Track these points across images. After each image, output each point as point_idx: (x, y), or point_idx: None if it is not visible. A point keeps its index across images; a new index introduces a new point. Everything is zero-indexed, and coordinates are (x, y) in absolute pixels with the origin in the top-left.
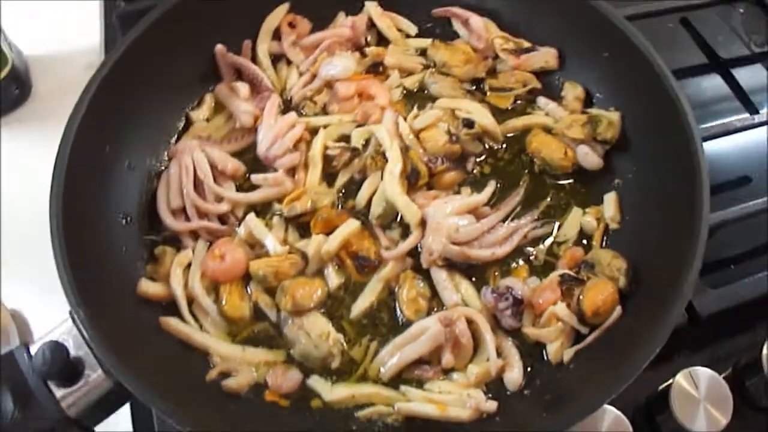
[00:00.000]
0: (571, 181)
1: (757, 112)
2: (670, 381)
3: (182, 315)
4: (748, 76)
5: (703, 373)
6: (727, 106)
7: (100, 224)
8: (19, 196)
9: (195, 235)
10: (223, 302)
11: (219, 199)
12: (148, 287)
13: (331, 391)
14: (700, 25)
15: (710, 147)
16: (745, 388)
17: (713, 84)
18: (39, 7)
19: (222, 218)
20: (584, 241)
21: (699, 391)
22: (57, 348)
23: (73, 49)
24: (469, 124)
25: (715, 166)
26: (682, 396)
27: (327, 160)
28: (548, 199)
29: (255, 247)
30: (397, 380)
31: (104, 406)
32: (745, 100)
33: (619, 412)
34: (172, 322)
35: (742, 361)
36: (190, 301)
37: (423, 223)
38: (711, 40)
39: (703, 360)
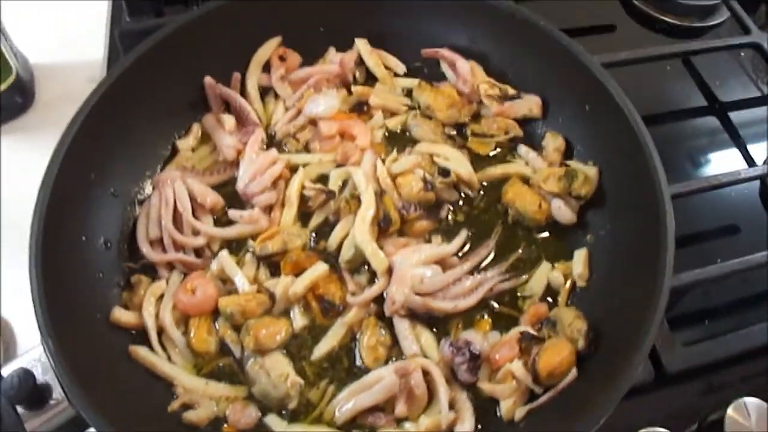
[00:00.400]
0: (543, 234)
1: (752, 159)
2: None
3: (151, 344)
4: (746, 119)
5: None
6: (725, 151)
7: (80, 248)
8: (18, 203)
9: (171, 266)
10: (191, 335)
11: (196, 232)
12: (121, 315)
13: (286, 431)
14: (700, 66)
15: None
16: None
17: (711, 127)
18: (46, 15)
19: (198, 251)
20: (549, 298)
21: None
22: (26, 375)
23: (78, 60)
24: (444, 172)
25: (703, 213)
26: None
27: (303, 199)
28: (519, 251)
29: (227, 282)
30: (351, 425)
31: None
32: (741, 146)
33: None
34: (141, 351)
35: (707, 421)
36: (160, 331)
37: (390, 271)
38: (710, 82)
39: (666, 417)
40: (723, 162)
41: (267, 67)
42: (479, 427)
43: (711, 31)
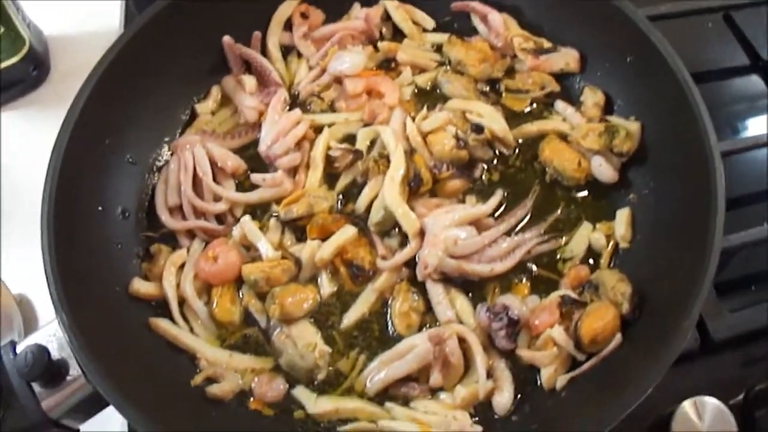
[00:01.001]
0: (583, 193)
1: None
2: (675, 407)
3: (173, 316)
4: None
5: (710, 403)
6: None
7: (97, 219)
8: (35, 179)
9: (191, 234)
10: (214, 305)
11: (218, 197)
12: (140, 286)
13: (316, 404)
14: (743, 24)
15: (747, 155)
16: (755, 420)
17: (754, 86)
18: None
19: (220, 217)
20: (591, 260)
21: (703, 422)
22: (39, 351)
23: (94, 30)
24: (478, 129)
25: (747, 174)
26: (685, 427)
27: (329, 161)
28: (558, 212)
29: (251, 249)
30: (383, 396)
31: (86, 409)
32: None
33: None
34: (161, 323)
35: (754, 391)
36: (182, 302)
37: (422, 233)
38: (753, 40)
39: (711, 386)
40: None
41: (289, 26)
42: (518, 396)
43: None
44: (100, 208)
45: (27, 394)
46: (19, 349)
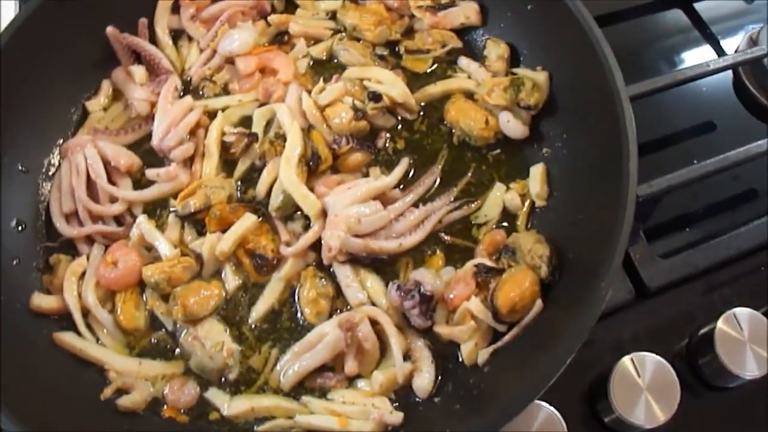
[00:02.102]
0: (495, 152)
1: (723, 51)
2: (613, 365)
3: (77, 328)
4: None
5: (648, 357)
6: (693, 41)
7: None
8: None
9: (91, 240)
10: (119, 312)
11: (114, 198)
12: (41, 301)
13: (230, 405)
14: None
15: (671, 92)
16: (698, 366)
17: (677, 22)
18: None
19: (119, 219)
20: (506, 223)
21: (643, 378)
22: None
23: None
24: (375, 97)
25: (677, 110)
26: (624, 384)
27: (225, 147)
28: (468, 175)
29: (152, 249)
30: (299, 389)
31: None
32: (709, 36)
33: (552, 409)
34: (66, 337)
35: (696, 336)
36: (86, 312)
37: (324, 214)
38: None
39: (652, 336)
40: (692, 56)
41: (177, 8)
42: (440, 376)
43: None
44: None
45: None
46: None
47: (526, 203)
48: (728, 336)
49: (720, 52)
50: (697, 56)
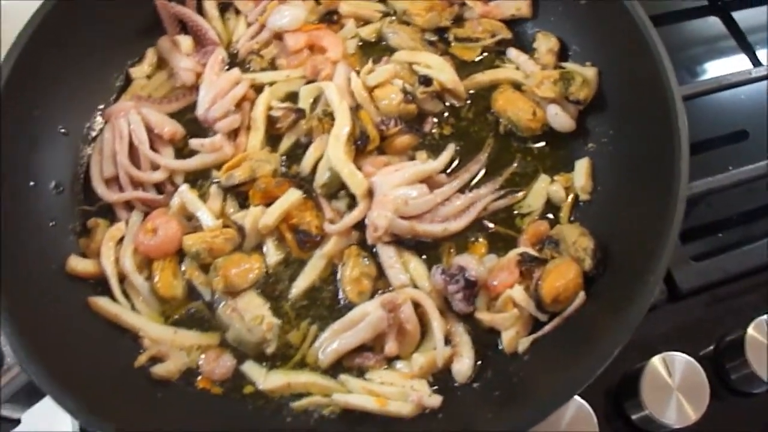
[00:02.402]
0: (540, 144)
1: (759, 61)
2: (644, 363)
3: (113, 294)
4: (749, 17)
5: (679, 357)
6: (728, 51)
7: (29, 194)
8: None
9: (130, 206)
10: (156, 280)
11: (155, 166)
12: (77, 264)
13: (266, 379)
14: None
15: (706, 98)
16: (725, 370)
17: (713, 27)
18: None
19: (159, 187)
20: (550, 215)
21: (673, 378)
22: None
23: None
24: (426, 81)
25: (710, 119)
26: (655, 383)
27: (271, 121)
28: (514, 165)
29: (192, 219)
30: (336, 368)
31: (26, 398)
32: (746, 46)
33: (582, 402)
34: (101, 302)
35: (724, 341)
36: (122, 278)
37: (370, 194)
38: None
39: (681, 337)
40: (726, 67)
41: None
42: (479, 362)
43: None
44: (32, 183)
45: None
46: None
47: (570, 196)
48: (758, 342)
49: (755, 62)
50: (732, 65)
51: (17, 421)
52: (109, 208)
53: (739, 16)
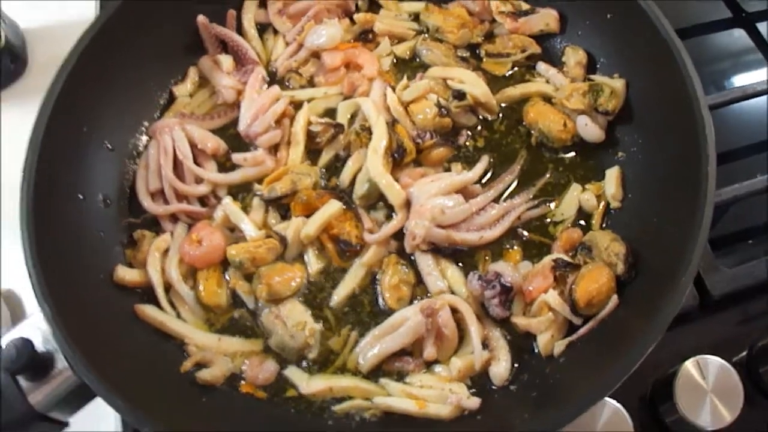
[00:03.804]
0: (570, 155)
1: None
2: (677, 367)
3: (159, 302)
4: None
5: (712, 361)
6: (753, 62)
7: (78, 207)
8: (18, 169)
9: (174, 218)
10: (201, 289)
11: (199, 180)
12: (125, 274)
13: (308, 383)
14: None
15: (731, 108)
16: (759, 375)
17: (738, 39)
18: None
19: (203, 200)
20: (582, 222)
21: (707, 381)
22: (24, 344)
23: (70, 20)
24: (459, 95)
25: (736, 129)
26: (689, 386)
27: (310, 136)
28: (546, 175)
29: (234, 230)
30: (377, 372)
31: (74, 401)
32: None
33: (618, 405)
34: (147, 310)
35: (757, 345)
36: (168, 287)
37: (408, 204)
38: None
39: (713, 343)
40: (752, 78)
41: (263, 3)
42: (516, 365)
43: None
44: (80, 197)
45: (12, 388)
46: (3, 342)
47: (601, 204)
48: None
49: None
50: (757, 77)
51: (65, 424)
52: (154, 220)
53: (764, 27)
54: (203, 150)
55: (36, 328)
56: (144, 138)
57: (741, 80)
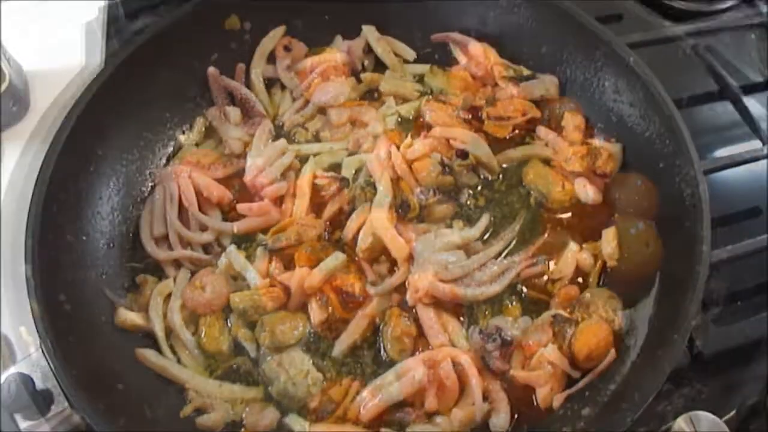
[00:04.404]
0: (568, 215)
1: None
2: (669, 425)
3: (160, 347)
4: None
5: (704, 417)
6: (738, 135)
7: (81, 249)
8: (17, 212)
9: (178, 263)
10: (202, 335)
11: (204, 227)
12: (127, 317)
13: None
14: (711, 52)
15: (720, 176)
16: None
17: (724, 112)
18: (40, 23)
19: (206, 247)
20: (579, 279)
21: None
22: (23, 381)
23: (74, 65)
24: (462, 154)
25: (724, 196)
26: None
27: (315, 189)
28: (545, 234)
29: (237, 278)
30: (377, 423)
31: None
32: (756, 129)
33: None
34: (148, 355)
35: (746, 404)
36: (169, 332)
37: (411, 259)
38: (723, 67)
39: (704, 400)
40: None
41: (272, 58)
42: (515, 417)
43: (719, 15)
44: (84, 238)
45: (11, 427)
46: (1, 379)
47: (598, 263)
48: None
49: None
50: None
51: None
52: (156, 264)
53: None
54: (208, 198)
55: (35, 365)
56: (149, 184)
57: (730, 147)
